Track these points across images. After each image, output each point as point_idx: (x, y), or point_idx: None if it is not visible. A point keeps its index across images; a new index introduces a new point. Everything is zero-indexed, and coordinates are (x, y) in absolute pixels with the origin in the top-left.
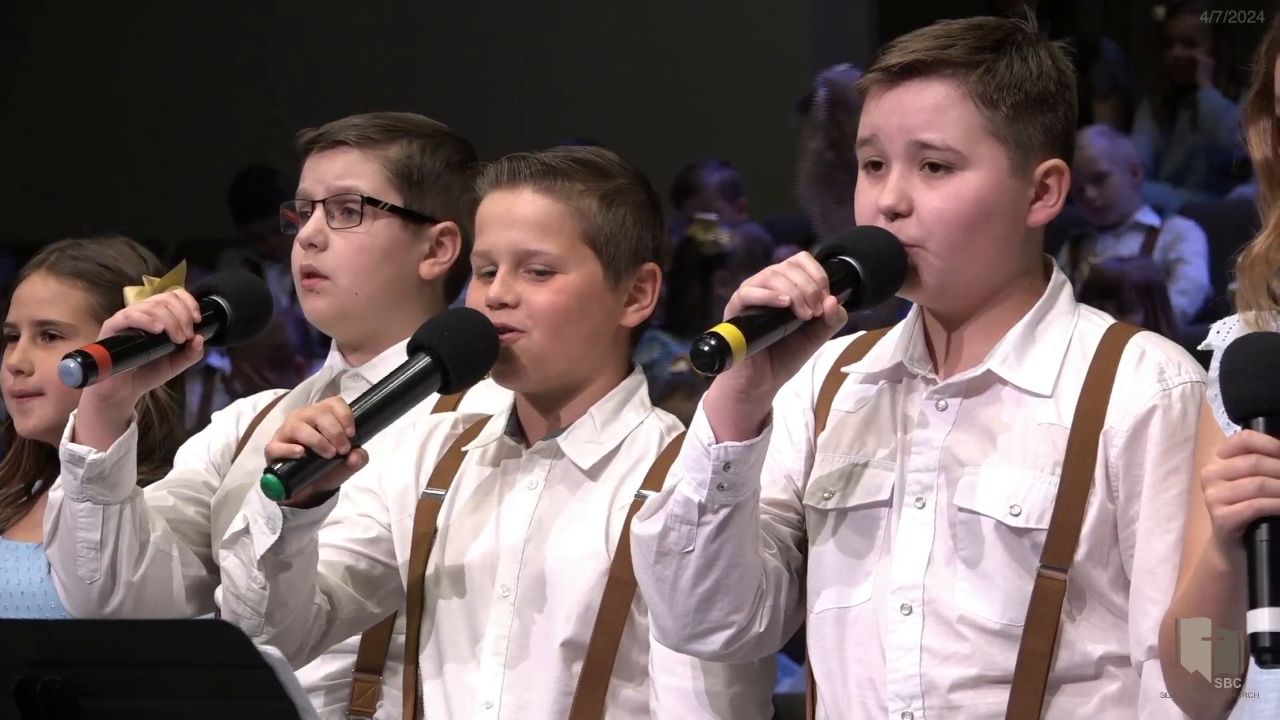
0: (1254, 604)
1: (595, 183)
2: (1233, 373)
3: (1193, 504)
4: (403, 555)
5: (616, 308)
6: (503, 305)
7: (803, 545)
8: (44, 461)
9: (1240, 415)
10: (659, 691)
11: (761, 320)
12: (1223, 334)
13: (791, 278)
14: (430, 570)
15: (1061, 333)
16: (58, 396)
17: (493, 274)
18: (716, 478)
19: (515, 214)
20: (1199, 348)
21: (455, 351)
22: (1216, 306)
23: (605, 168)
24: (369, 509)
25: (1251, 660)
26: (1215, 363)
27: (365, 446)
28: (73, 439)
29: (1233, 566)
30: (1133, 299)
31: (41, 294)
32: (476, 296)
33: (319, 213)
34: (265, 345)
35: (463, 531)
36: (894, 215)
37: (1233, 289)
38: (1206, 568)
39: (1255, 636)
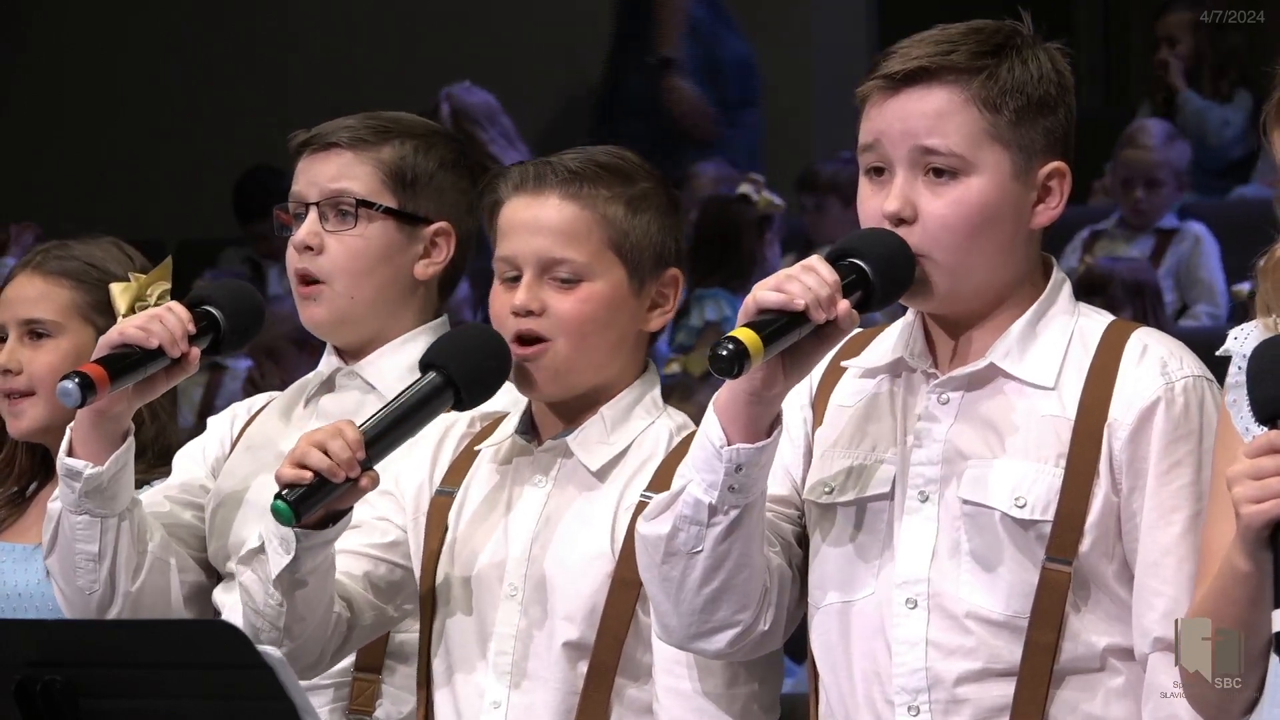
0: (1278, 604)
1: (620, 188)
2: (1259, 374)
3: (1212, 507)
4: (417, 555)
5: (640, 313)
6: (528, 312)
7: (804, 541)
8: (38, 463)
9: (1267, 416)
10: (660, 693)
11: (777, 324)
12: (1240, 339)
13: (806, 281)
14: (441, 569)
15: (1062, 328)
16: (49, 396)
17: (515, 279)
18: (728, 479)
19: (542, 220)
20: (1216, 353)
21: (467, 369)
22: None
23: (629, 172)
24: (387, 512)
25: (1273, 661)
26: (1234, 368)
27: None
28: (70, 453)
29: (1257, 567)
30: (1120, 296)
31: (28, 293)
32: (500, 303)
33: (313, 215)
34: (291, 327)
35: (473, 530)
36: (898, 221)
37: (1238, 288)
38: (1230, 569)
39: (1278, 636)
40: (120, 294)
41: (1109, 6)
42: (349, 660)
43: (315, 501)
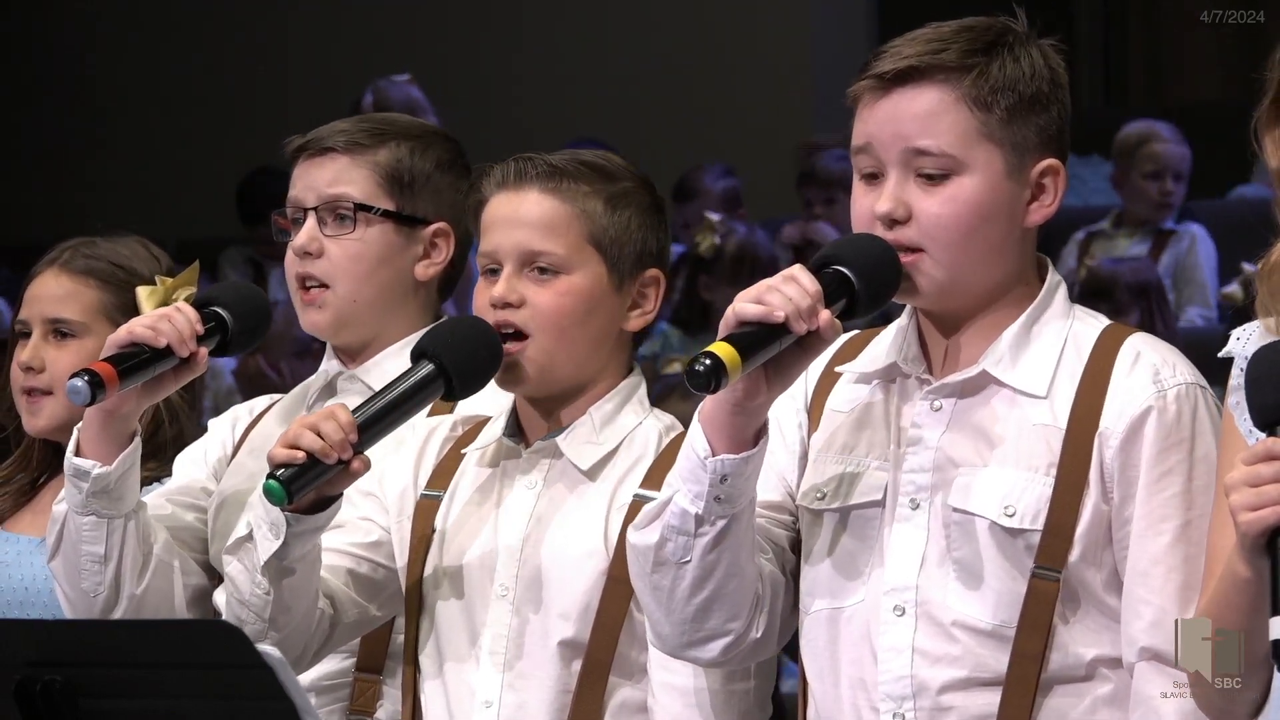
0: (1276, 611)
1: (601, 185)
2: (1258, 380)
3: (1216, 511)
4: (402, 557)
5: (620, 311)
6: (506, 305)
7: (797, 547)
8: (51, 457)
9: (1265, 423)
10: (656, 689)
11: (756, 336)
12: (1242, 340)
13: (786, 292)
14: (429, 571)
15: (1056, 334)
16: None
17: (497, 273)
18: (713, 490)
19: (521, 214)
20: (1219, 355)
21: (458, 359)
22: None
23: (612, 171)
24: (370, 513)
25: (1275, 668)
26: (1236, 369)
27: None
28: (77, 453)
29: (1256, 573)
30: (1126, 300)
31: (54, 291)
32: (482, 297)
33: (311, 220)
34: (287, 339)
35: (461, 532)
36: (892, 222)
37: (1227, 291)
38: (1230, 575)
39: (1277, 644)
40: (146, 298)
41: (1109, 10)
42: (349, 661)
43: (307, 482)
